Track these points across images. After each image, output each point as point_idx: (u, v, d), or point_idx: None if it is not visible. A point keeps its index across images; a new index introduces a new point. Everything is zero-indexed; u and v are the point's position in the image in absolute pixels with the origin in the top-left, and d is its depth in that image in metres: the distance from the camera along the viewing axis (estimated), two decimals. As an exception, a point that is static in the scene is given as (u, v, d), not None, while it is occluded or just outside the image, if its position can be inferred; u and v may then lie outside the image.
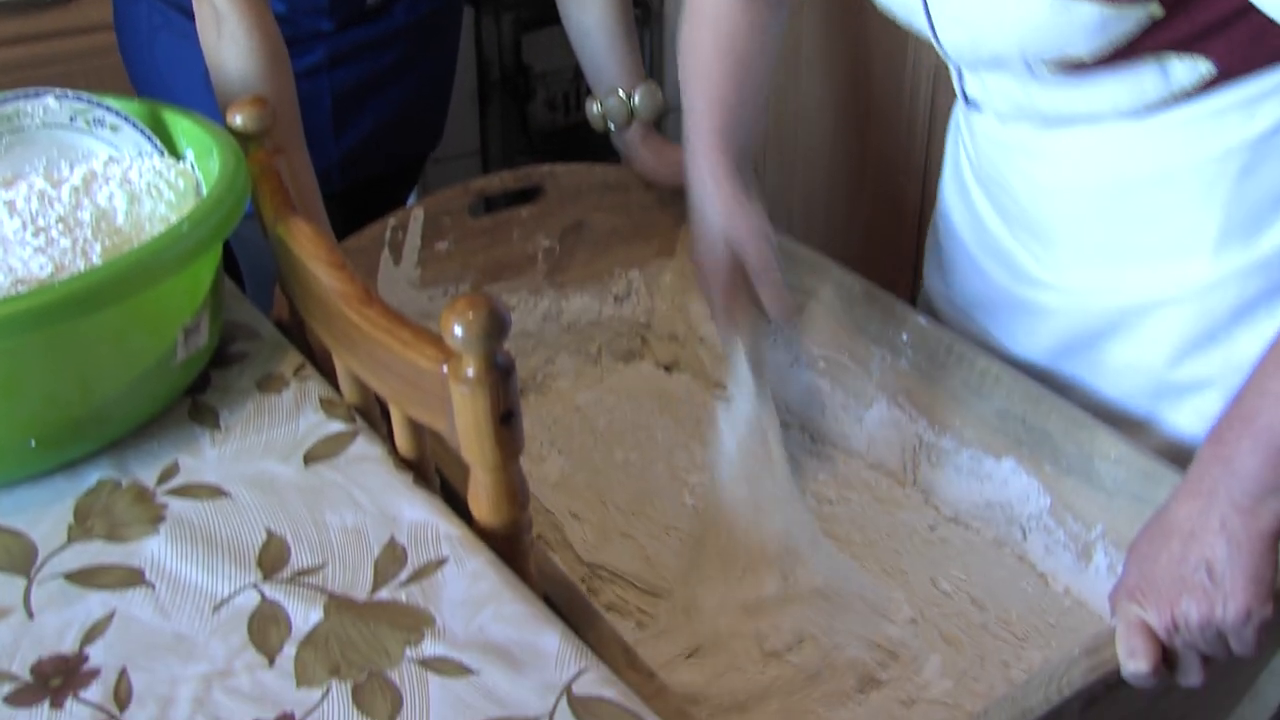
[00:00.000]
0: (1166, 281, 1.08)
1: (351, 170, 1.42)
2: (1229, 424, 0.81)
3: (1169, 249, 1.07)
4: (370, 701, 0.73)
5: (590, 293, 1.51)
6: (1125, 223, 1.09)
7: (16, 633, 0.78)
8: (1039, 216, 1.15)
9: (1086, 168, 1.09)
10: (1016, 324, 1.23)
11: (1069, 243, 1.14)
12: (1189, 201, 1.04)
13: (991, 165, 1.19)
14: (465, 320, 0.75)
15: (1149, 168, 1.04)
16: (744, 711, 1.08)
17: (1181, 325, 1.09)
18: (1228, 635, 0.80)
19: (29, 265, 0.90)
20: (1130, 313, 1.11)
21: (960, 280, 1.29)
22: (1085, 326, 1.15)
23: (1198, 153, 1.01)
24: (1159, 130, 1.02)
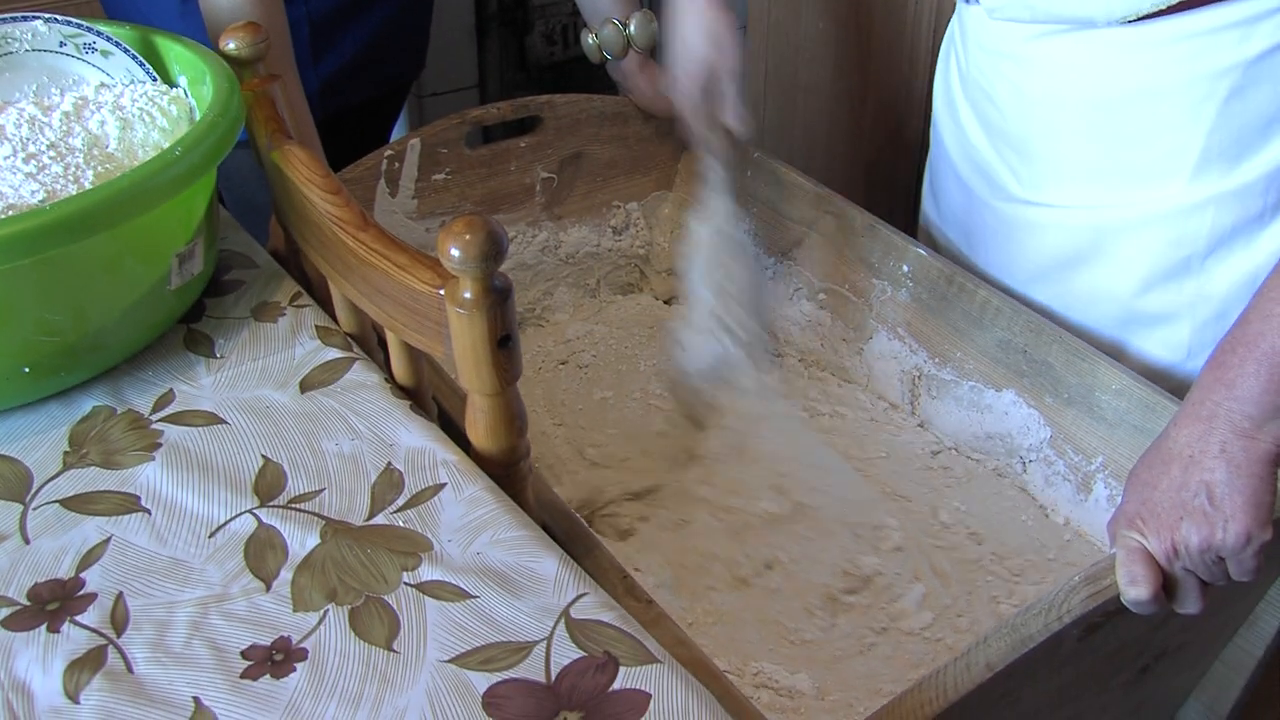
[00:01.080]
0: (1143, 203, 1.08)
1: (332, 98, 1.41)
2: (1231, 348, 0.80)
3: (1149, 169, 1.06)
4: (367, 625, 0.72)
5: (588, 225, 1.50)
6: (1108, 139, 1.08)
7: (13, 558, 0.77)
8: (1022, 129, 1.15)
9: (1074, 79, 1.08)
10: (996, 245, 1.23)
11: (1049, 158, 1.13)
12: (1174, 121, 1.03)
13: (980, 73, 1.18)
14: (462, 242, 0.74)
15: (1138, 82, 1.04)
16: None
17: (1154, 251, 1.09)
18: (1227, 560, 0.80)
19: (20, 191, 0.89)
20: (1104, 234, 1.11)
21: (945, 197, 1.30)
22: (1060, 248, 1.15)
23: (1189, 70, 1.00)
24: (1152, 43, 1.01)
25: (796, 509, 1.21)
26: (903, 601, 1.12)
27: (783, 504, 1.21)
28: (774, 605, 1.11)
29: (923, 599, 1.12)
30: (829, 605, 1.12)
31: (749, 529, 1.19)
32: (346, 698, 0.68)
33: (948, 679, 0.79)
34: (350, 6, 1.38)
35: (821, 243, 1.39)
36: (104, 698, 0.68)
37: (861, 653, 1.08)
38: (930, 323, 1.27)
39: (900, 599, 1.13)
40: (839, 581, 1.14)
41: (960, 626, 1.10)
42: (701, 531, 1.19)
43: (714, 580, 1.14)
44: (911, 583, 1.14)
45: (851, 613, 1.12)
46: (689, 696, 0.68)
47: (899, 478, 1.26)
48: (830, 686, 1.04)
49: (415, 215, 1.38)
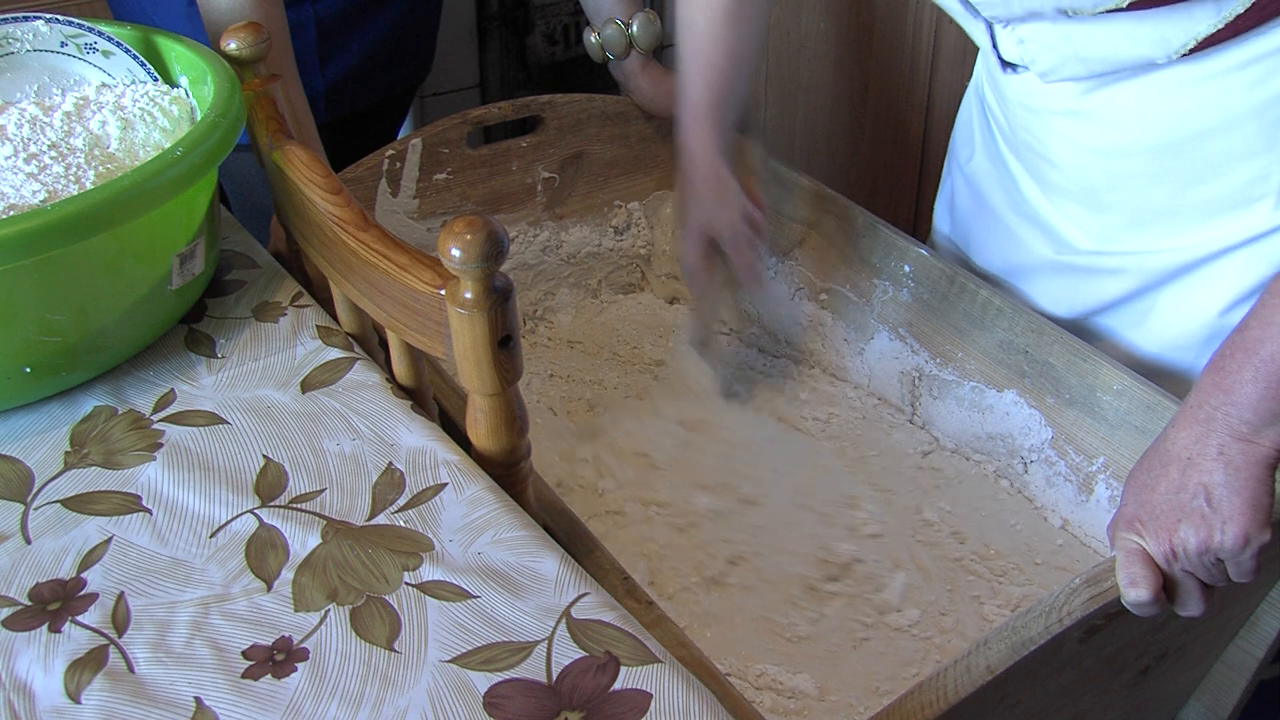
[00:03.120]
0: (1227, 234, 1.04)
1: (338, 102, 1.41)
2: (1230, 353, 0.80)
3: (1229, 200, 1.03)
4: (368, 625, 0.72)
5: (590, 225, 1.50)
6: (1180, 178, 1.04)
7: (14, 558, 0.77)
8: (1086, 183, 1.11)
9: (1137, 125, 1.04)
10: (1056, 287, 1.20)
11: (1121, 207, 1.10)
12: (1250, 149, 1.00)
13: (1027, 132, 1.15)
14: (463, 242, 0.74)
15: (1207, 117, 1.00)
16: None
17: (1240, 273, 1.05)
18: (1226, 561, 0.80)
19: (21, 191, 0.89)
20: (1186, 267, 1.08)
21: (995, 252, 1.26)
22: (1137, 284, 1.12)
23: (1257, 95, 0.97)
24: (1214, 74, 0.97)
25: (740, 501, 1.23)
26: (886, 592, 1.13)
27: (722, 498, 1.23)
28: (755, 601, 1.12)
29: (905, 590, 1.13)
30: (810, 595, 1.12)
31: (694, 526, 1.20)
32: (348, 698, 0.68)
33: (948, 681, 0.79)
34: (358, 10, 1.38)
35: (822, 243, 1.39)
36: (105, 698, 0.68)
37: (855, 647, 1.08)
38: (932, 323, 1.27)
39: (884, 589, 1.13)
40: (816, 570, 1.14)
41: (945, 626, 1.10)
42: (645, 530, 1.19)
43: (685, 581, 1.14)
44: (893, 571, 1.15)
45: (836, 600, 1.12)
46: (690, 696, 0.68)
47: (887, 475, 1.26)
48: (830, 686, 1.04)
49: (416, 215, 1.38)
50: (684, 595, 1.12)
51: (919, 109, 1.90)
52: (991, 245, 1.26)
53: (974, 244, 1.29)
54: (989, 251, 1.27)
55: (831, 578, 1.14)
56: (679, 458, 1.28)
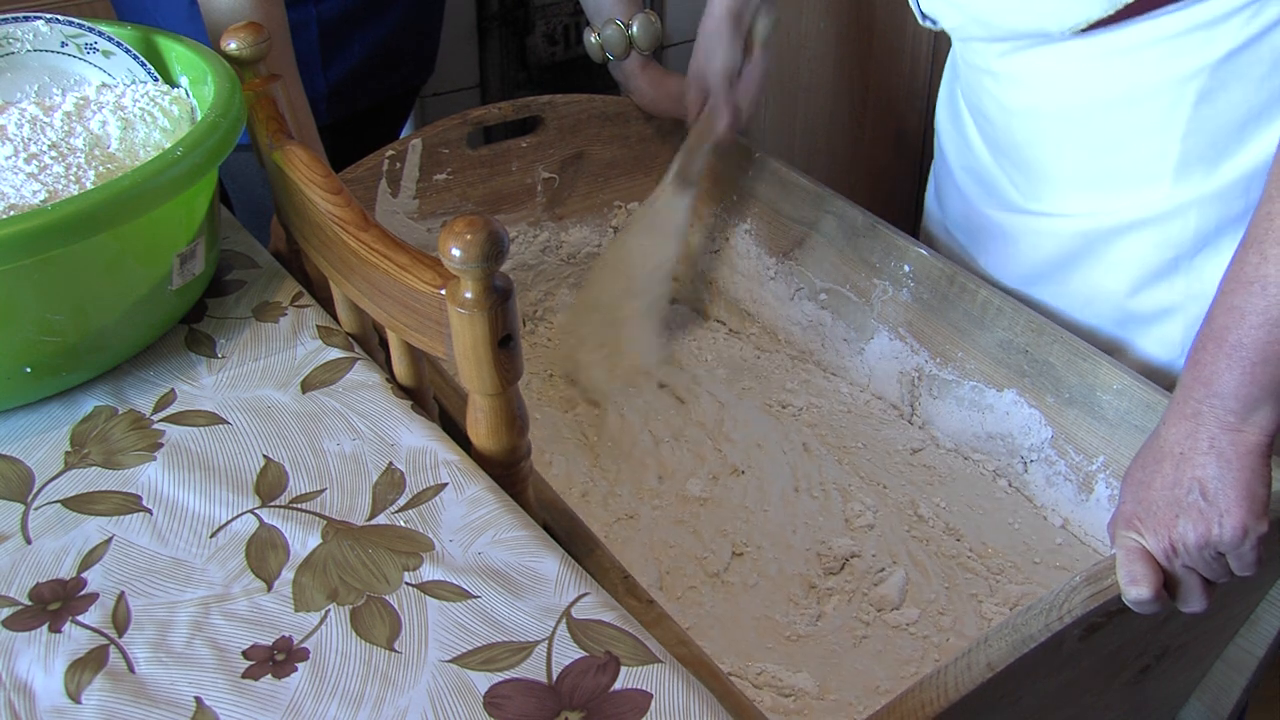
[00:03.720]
0: (1130, 207, 1.08)
1: (340, 103, 1.41)
2: (1203, 344, 0.81)
3: (1132, 174, 1.07)
4: (369, 625, 0.72)
5: (590, 225, 1.50)
6: (1090, 146, 1.09)
7: (14, 557, 0.77)
8: (1013, 141, 1.16)
9: (1049, 90, 1.09)
10: (997, 249, 1.23)
11: (1042, 167, 1.14)
12: (1150, 126, 1.03)
13: (969, 89, 1.20)
14: (464, 242, 0.74)
15: (1110, 90, 1.04)
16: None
17: (1143, 252, 1.09)
18: (1227, 554, 0.80)
19: (21, 191, 0.89)
20: (1096, 238, 1.12)
21: (950, 204, 1.30)
22: (1055, 253, 1.16)
23: (1156, 76, 1.01)
24: (1115, 51, 1.01)
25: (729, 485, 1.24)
26: (883, 587, 1.13)
27: (711, 486, 1.24)
28: (757, 599, 1.12)
29: (904, 586, 1.13)
30: (810, 593, 1.12)
31: (697, 519, 1.20)
32: (348, 698, 0.68)
33: (949, 678, 0.79)
34: (360, 11, 1.38)
35: (822, 243, 1.39)
36: (105, 698, 0.68)
37: (854, 645, 1.08)
38: (931, 323, 1.27)
39: (881, 583, 1.13)
40: (814, 566, 1.15)
41: (944, 625, 1.11)
42: (656, 532, 1.20)
43: (692, 580, 1.14)
44: (890, 566, 1.15)
45: (835, 598, 1.12)
46: (690, 696, 0.68)
47: (879, 469, 1.27)
48: (830, 685, 1.04)
49: (416, 215, 1.38)
50: (690, 595, 1.13)
51: (918, 109, 1.90)
52: (949, 197, 1.31)
53: (942, 196, 1.33)
54: (949, 204, 1.31)
55: (830, 571, 1.15)
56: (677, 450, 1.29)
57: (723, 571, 1.15)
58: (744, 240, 1.48)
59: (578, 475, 1.26)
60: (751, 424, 1.32)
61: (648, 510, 1.22)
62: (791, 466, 1.27)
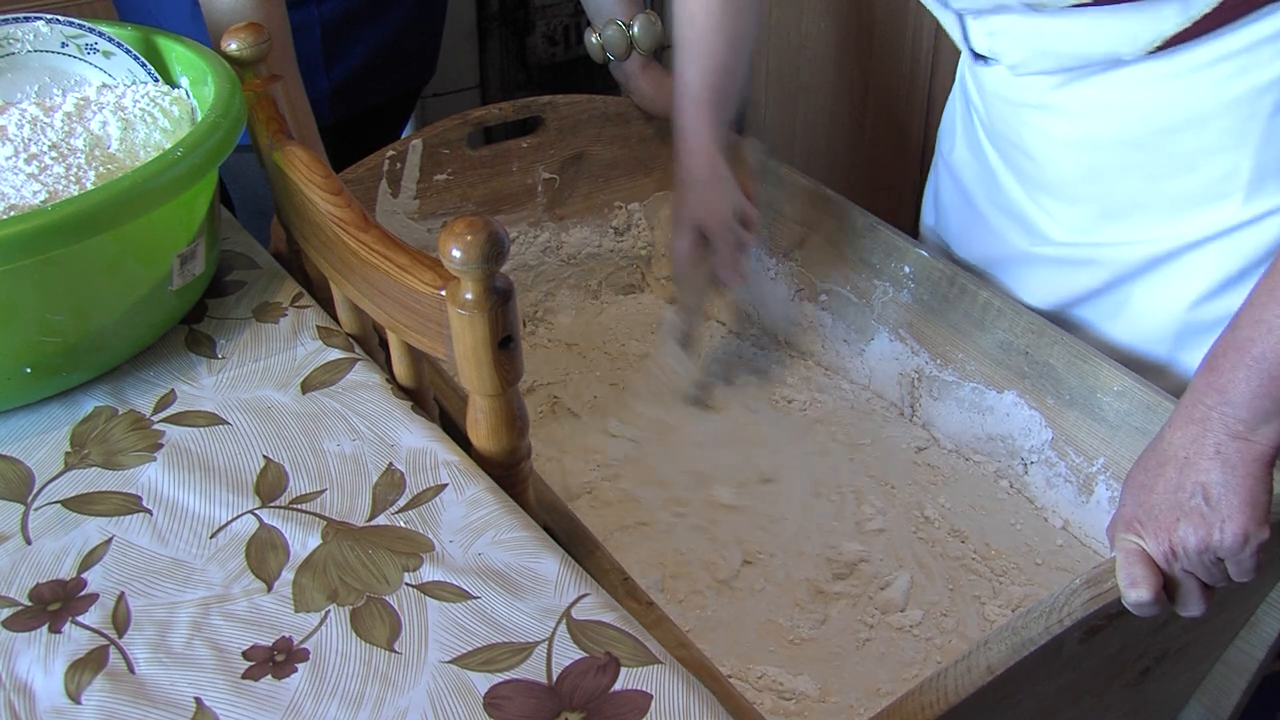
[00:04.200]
0: (1197, 228, 1.05)
1: (343, 103, 1.41)
2: (1223, 352, 0.80)
3: (1200, 195, 1.04)
4: (369, 626, 0.72)
5: (590, 225, 1.50)
6: (1151, 173, 1.05)
7: (14, 558, 0.77)
8: (1058, 175, 1.12)
9: (1108, 120, 1.05)
10: (1033, 278, 1.20)
11: (1093, 199, 1.10)
12: (1220, 144, 1.00)
13: (1004, 124, 1.15)
14: (464, 243, 0.74)
15: (1177, 113, 1.01)
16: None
17: (1210, 267, 1.06)
18: (1226, 560, 0.80)
19: (21, 192, 0.89)
20: (1158, 259, 1.09)
21: (977, 244, 1.26)
22: (1109, 277, 1.13)
23: (1228, 91, 0.97)
24: (1184, 70, 0.98)
25: (757, 493, 1.23)
26: (889, 590, 1.13)
27: (740, 494, 1.23)
28: (762, 605, 1.12)
29: (909, 590, 1.13)
30: (817, 598, 1.12)
31: (715, 524, 1.20)
32: (348, 698, 0.68)
33: (949, 681, 0.79)
34: (363, 12, 1.38)
35: (822, 243, 1.39)
36: (105, 698, 0.68)
37: (857, 648, 1.08)
38: (932, 324, 1.27)
39: (887, 587, 1.13)
40: (824, 571, 1.15)
41: (946, 626, 1.11)
42: (668, 532, 1.20)
43: (697, 584, 1.14)
44: (896, 570, 1.15)
45: (840, 602, 1.12)
46: (690, 697, 0.68)
47: (885, 468, 1.27)
48: (831, 687, 1.04)
49: (417, 216, 1.38)
50: (694, 599, 1.13)
51: (919, 109, 1.90)
52: (971, 236, 1.27)
53: (954, 235, 1.31)
54: (968, 242, 1.28)
55: (839, 576, 1.14)
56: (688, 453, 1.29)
57: (731, 579, 1.15)
58: (744, 242, 1.48)
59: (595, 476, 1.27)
60: (772, 428, 1.32)
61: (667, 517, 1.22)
62: (811, 470, 1.26)
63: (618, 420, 1.33)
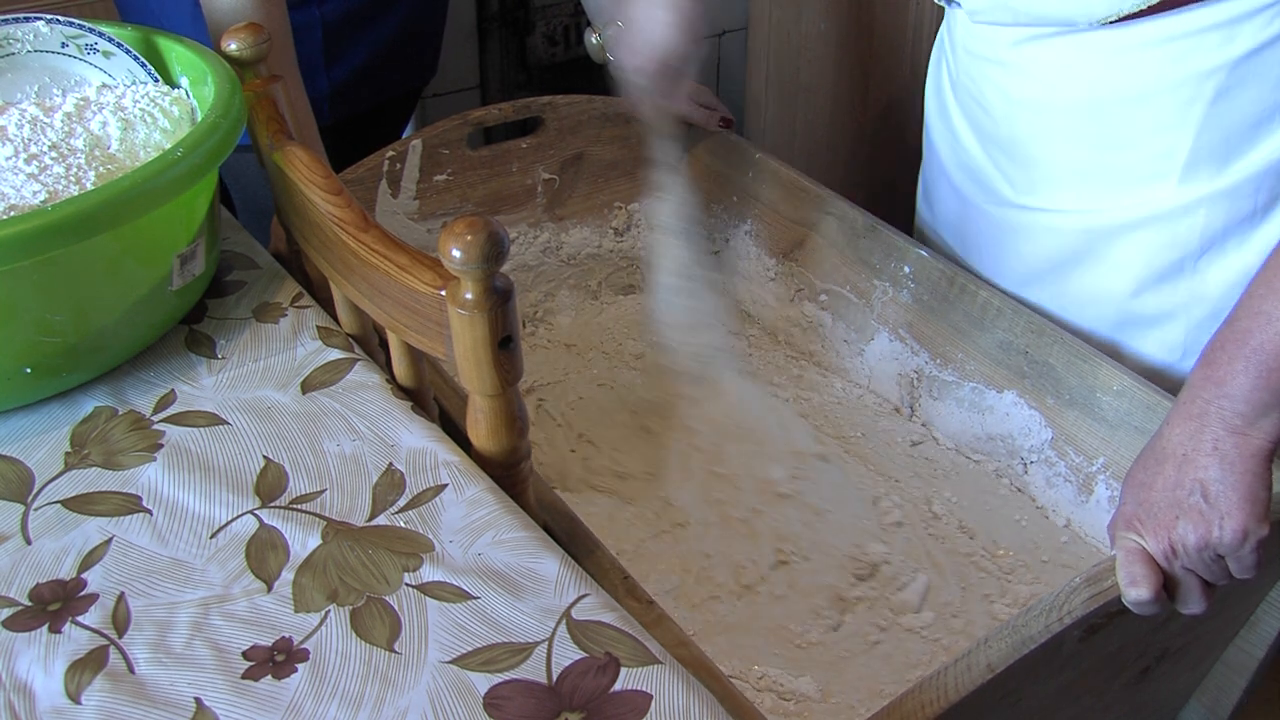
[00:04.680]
0: (1134, 205, 1.08)
1: (344, 103, 1.41)
2: (1221, 345, 0.80)
3: (1139, 171, 1.06)
4: (369, 626, 0.72)
5: (590, 226, 1.51)
6: (1096, 142, 1.08)
7: (14, 558, 0.77)
8: (1013, 134, 1.14)
9: (1060, 83, 1.08)
10: (990, 248, 1.23)
11: (1040, 161, 1.13)
12: (1162, 123, 1.03)
13: (968, 78, 1.18)
14: (464, 243, 0.74)
15: (1125, 85, 1.03)
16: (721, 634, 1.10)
17: (1147, 252, 1.08)
18: (1226, 557, 0.80)
19: (21, 192, 0.89)
20: (1098, 237, 1.11)
21: (939, 201, 1.29)
22: (1055, 251, 1.15)
23: (1175, 72, 1.00)
24: (1136, 45, 1.01)
25: (792, 491, 1.23)
26: (906, 592, 1.13)
27: (773, 491, 1.23)
28: (780, 610, 1.12)
29: (925, 592, 1.13)
30: (837, 605, 1.12)
31: (747, 522, 1.20)
32: (348, 698, 0.68)
33: (949, 680, 0.79)
34: (365, 12, 1.38)
35: (822, 244, 1.39)
36: (105, 698, 0.68)
37: (865, 651, 1.08)
38: (931, 324, 1.27)
39: (905, 589, 1.13)
40: (847, 575, 1.14)
41: (955, 627, 1.11)
42: (700, 533, 1.19)
43: (717, 589, 1.14)
44: (915, 572, 1.15)
45: (858, 608, 1.12)
46: (690, 697, 0.68)
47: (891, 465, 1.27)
48: (833, 688, 1.04)
49: (417, 216, 1.38)
50: (711, 604, 1.12)
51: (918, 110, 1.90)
52: (936, 195, 1.30)
53: (930, 195, 1.32)
54: (935, 201, 1.30)
55: (861, 578, 1.14)
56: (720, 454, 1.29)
57: (754, 583, 1.14)
58: (744, 241, 1.48)
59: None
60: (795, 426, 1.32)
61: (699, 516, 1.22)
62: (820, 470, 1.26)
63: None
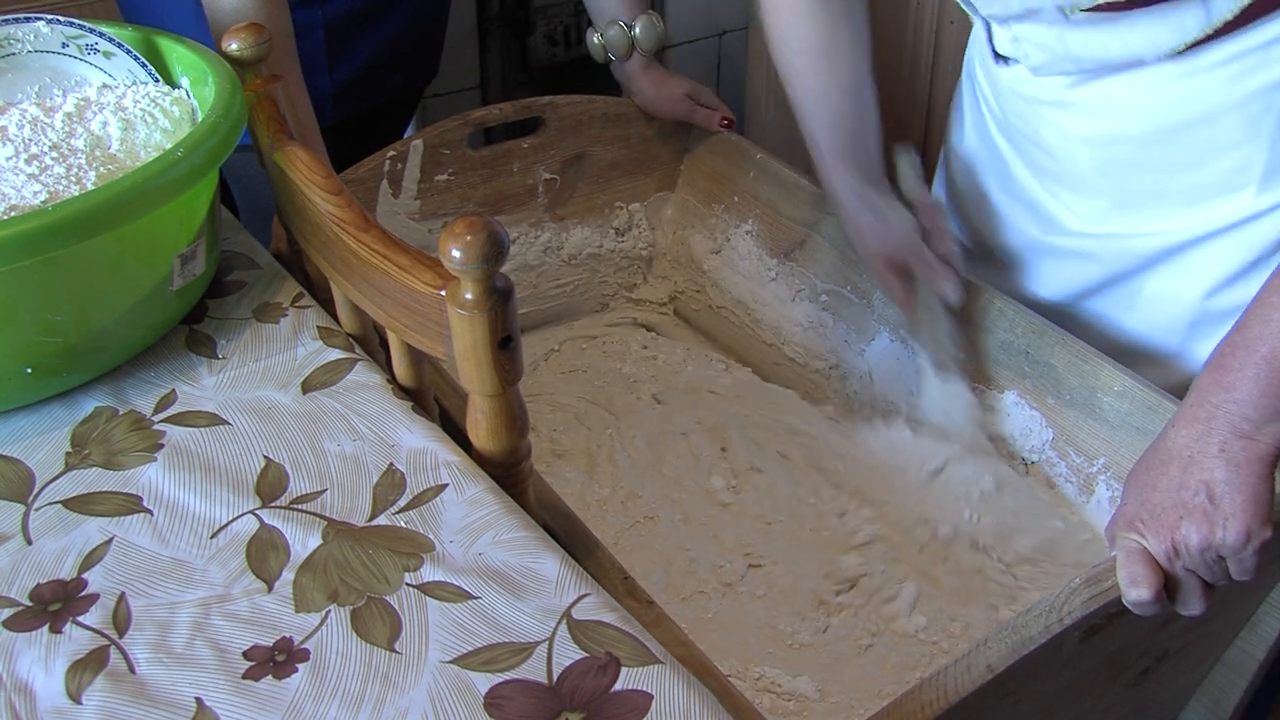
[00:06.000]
0: (1210, 218, 1.06)
1: (345, 103, 1.41)
2: (1231, 350, 0.80)
3: (1213, 187, 1.05)
4: (369, 626, 0.72)
5: (591, 226, 1.51)
6: (1167, 167, 1.06)
7: (15, 558, 0.77)
8: (1075, 169, 1.13)
9: (1124, 117, 1.06)
10: (1046, 268, 1.20)
11: (1109, 191, 1.11)
12: (1233, 139, 1.02)
13: (1019, 119, 1.16)
14: (464, 243, 0.74)
15: (1191, 109, 1.02)
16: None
17: (1224, 257, 1.07)
18: (1228, 559, 0.80)
19: (22, 192, 0.89)
20: (1171, 250, 1.10)
21: (987, 230, 1.26)
22: (1123, 267, 1.13)
23: (1242, 89, 0.99)
24: (1201, 69, 0.99)
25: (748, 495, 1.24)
26: (896, 603, 1.13)
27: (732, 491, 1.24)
28: (763, 610, 1.12)
29: (915, 600, 1.13)
30: (821, 608, 1.12)
31: (721, 525, 1.20)
32: (348, 698, 0.68)
33: (948, 680, 0.79)
34: (366, 12, 1.38)
35: (823, 244, 1.39)
36: (106, 698, 0.68)
37: (859, 654, 1.08)
38: (932, 324, 1.27)
39: (893, 600, 1.13)
40: (826, 585, 1.15)
41: (954, 631, 1.10)
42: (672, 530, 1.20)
43: (702, 584, 1.14)
44: (901, 583, 1.15)
45: (844, 612, 1.12)
46: (690, 697, 0.68)
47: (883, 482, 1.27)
48: (831, 689, 1.04)
49: (417, 216, 1.39)
50: (699, 598, 1.13)
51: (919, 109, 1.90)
52: (983, 224, 1.28)
53: (967, 223, 1.31)
54: (981, 230, 1.28)
55: (840, 590, 1.14)
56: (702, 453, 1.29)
57: (736, 581, 1.15)
58: (745, 241, 1.48)
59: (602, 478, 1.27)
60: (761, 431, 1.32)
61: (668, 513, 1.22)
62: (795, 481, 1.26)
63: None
